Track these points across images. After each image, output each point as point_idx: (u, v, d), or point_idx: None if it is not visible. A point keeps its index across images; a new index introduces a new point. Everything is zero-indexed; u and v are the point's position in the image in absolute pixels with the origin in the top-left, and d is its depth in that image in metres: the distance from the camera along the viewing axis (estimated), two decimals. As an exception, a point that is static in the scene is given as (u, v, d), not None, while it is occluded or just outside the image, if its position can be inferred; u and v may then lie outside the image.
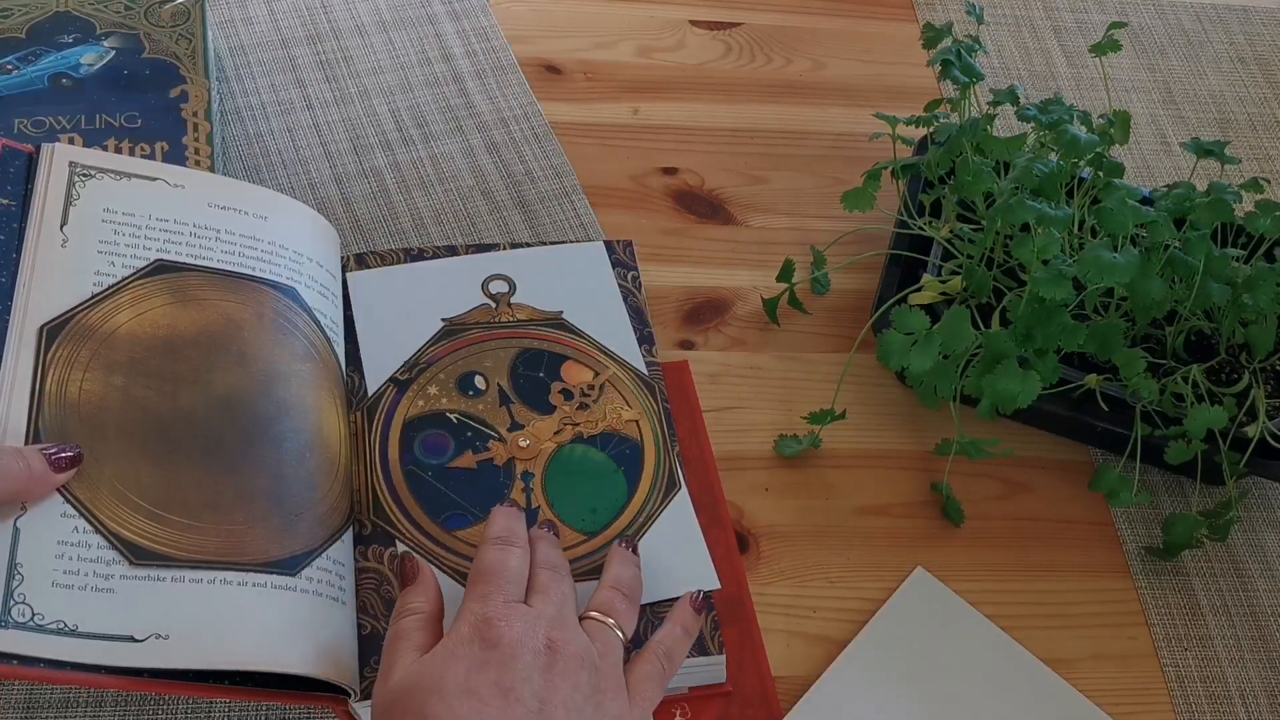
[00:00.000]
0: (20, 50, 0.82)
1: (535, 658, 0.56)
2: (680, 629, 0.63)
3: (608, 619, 0.61)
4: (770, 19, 1.01)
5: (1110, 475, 0.73)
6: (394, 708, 0.55)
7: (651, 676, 0.60)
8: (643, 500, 0.70)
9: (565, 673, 0.56)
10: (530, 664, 0.55)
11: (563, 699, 0.55)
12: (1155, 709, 0.71)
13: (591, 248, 0.81)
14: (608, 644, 0.59)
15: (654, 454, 0.72)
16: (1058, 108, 0.79)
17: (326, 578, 0.62)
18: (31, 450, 0.58)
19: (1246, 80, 1.04)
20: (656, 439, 0.72)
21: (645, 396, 0.74)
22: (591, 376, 0.74)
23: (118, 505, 0.59)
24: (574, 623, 0.59)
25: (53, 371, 0.61)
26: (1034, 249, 0.70)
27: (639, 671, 0.60)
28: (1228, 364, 0.77)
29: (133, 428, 0.62)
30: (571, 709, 0.55)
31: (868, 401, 0.81)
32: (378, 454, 0.70)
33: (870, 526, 0.76)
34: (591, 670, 0.57)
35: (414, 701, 0.54)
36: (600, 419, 0.73)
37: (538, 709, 0.54)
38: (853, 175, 0.87)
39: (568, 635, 0.57)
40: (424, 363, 0.73)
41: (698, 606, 0.65)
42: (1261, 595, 0.76)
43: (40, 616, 0.55)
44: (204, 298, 0.67)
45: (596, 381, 0.74)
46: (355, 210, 0.84)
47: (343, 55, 0.92)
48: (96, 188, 0.68)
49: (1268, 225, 0.76)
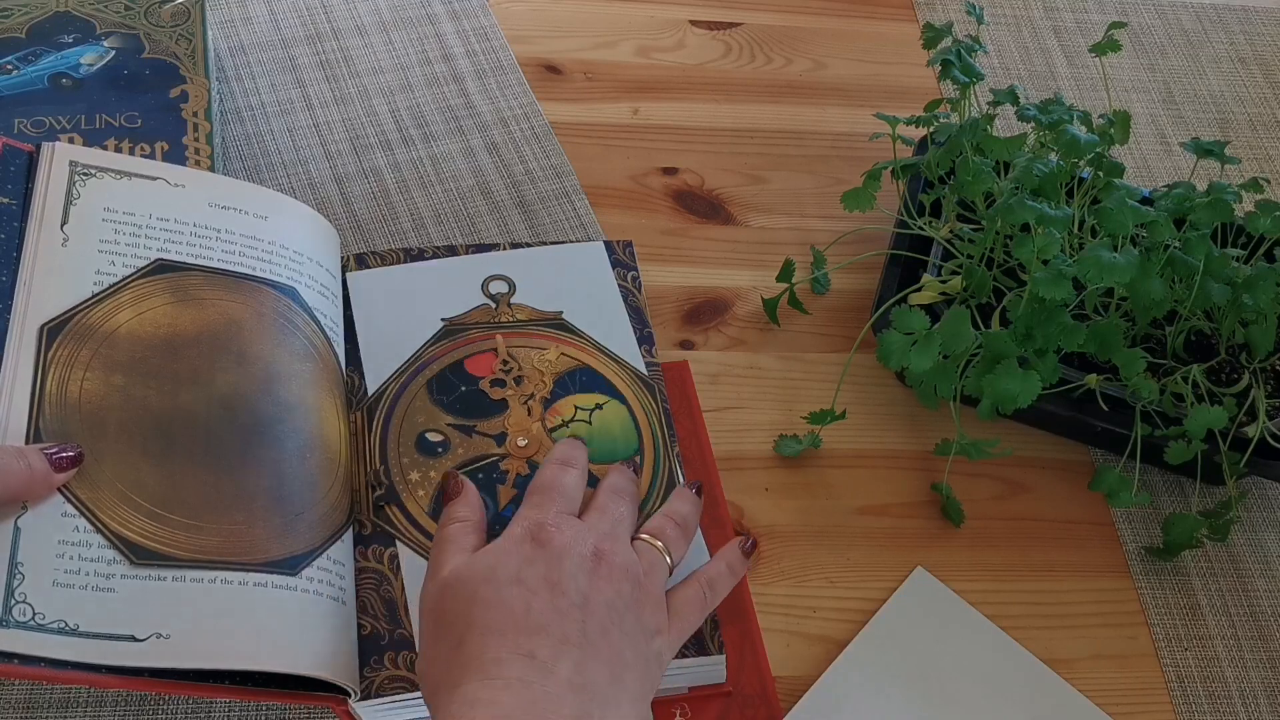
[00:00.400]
0: (20, 50, 0.82)
1: (582, 561, 0.59)
2: (725, 565, 0.66)
3: (656, 541, 0.64)
4: (770, 19, 1.01)
5: (1110, 475, 0.73)
6: (445, 594, 0.58)
7: (692, 601, 0.63)
8: (642, 499, 0.70)
9: (609, 578, 0.59)
10: (577, 565, 0.59)
11: (605, 600, 0.58)
12: (1155, 709, 0.71)
13: (591, 248, 0.81)
14: (653, 563, 0.62)
15: (653, 454, 0.72)
16: (1058, 108, 0.79)
17: (327, 578, 0.62)
18: (33, 450, 0.58)
19: (1246, 80, 1.04)
20: (656, 439, 0.72)
21: (645, 396, 0.74)
22: None
23: (118, 505, 0.59)
24: (624, 540, 0.62)
25: (53, 371, 0.61)
26: (1034, 249, 0.70)
27: (681, 594, 0.63)
28: (1228, 364, 0.77)
29: (133, 427, 0.62)
30: (613, 610, 0.58)
31: (868, 401, 0.81)
32: (378, 454, 0.70)
33: (870, 526, 0.76)
34: (635, 583, 0.60)
35: (466, 588, 0.58)
36: None
37: (581, 603, 0.57)
38: (853, 175, 0.87)
39: (615, 548, 0.61)
40: (424, 362, 0.73)
41: (747, 551, 0.67)
42: (1261, 595, 0.76)
43: (41, 616, 0.55)
44: (204, 297, 0.67)
45: None
46: (355, 210, 0.84)
47: (343, 55, 0.92)
48: (97, 187, 0.68)
49: (1268, 225, 0.76)
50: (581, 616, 0.57)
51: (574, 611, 0.57)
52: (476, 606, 0.57)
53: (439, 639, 0.57)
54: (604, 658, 0.56)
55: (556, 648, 0.55)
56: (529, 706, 0.53)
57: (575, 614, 0.57)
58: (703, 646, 0.65)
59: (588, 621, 0.57)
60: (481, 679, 0.54)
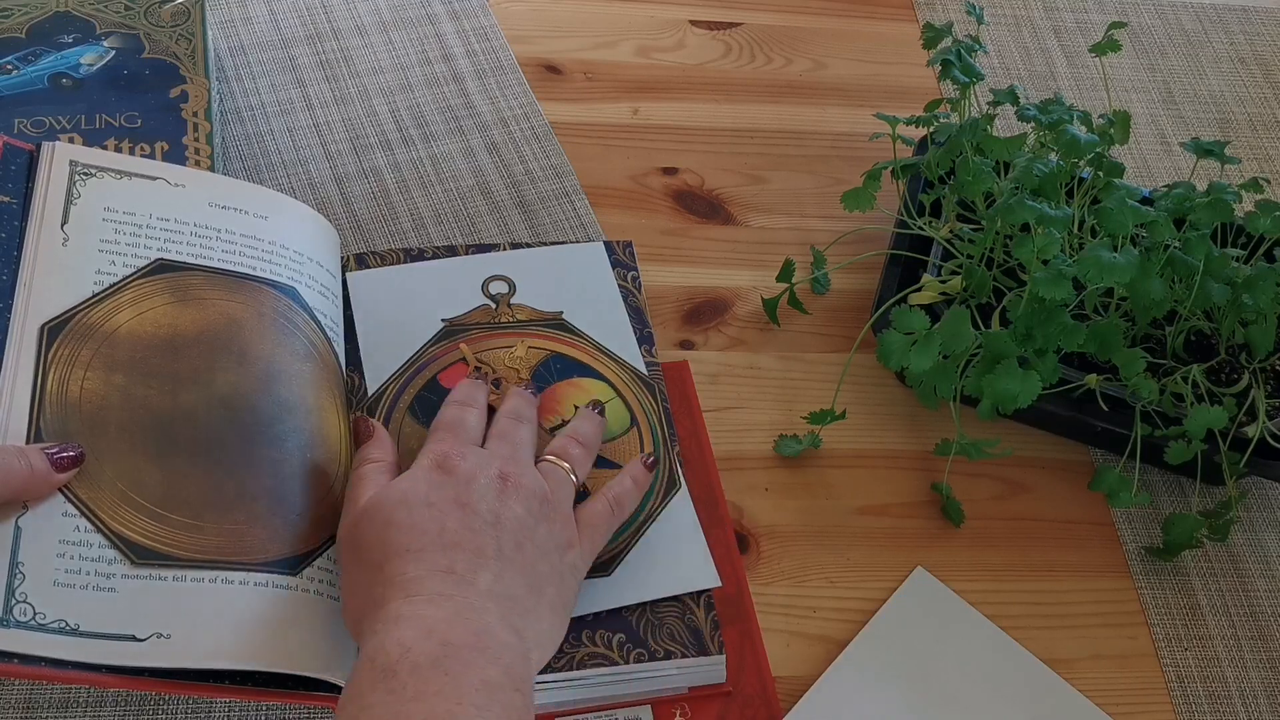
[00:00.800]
0: (20, 50, 0.82)
1: (489, 483, 0.61)
2: (630, 480, 0.68)
3: (562, 462, 0.66)
4: (770, 19, 1.01)
5: (1110, 475, 0.73)
6: (361, 522, 0.60)
7: (600, 514, 0.65)
8: (643, 499, 0.70)
9: (517, 497, 0.61)
10: (485, 486, 0.61)
11: (515, 516, 0.61)
12: (1155, 709, 0.71)
13: (591, 248, 0.81)
14: (559, 482, 0.65)
15: (654, 454, 0.72)
16: (1058, 108, 0.79)
17: (327, 577, 0.62)
18: (33, 449, 0.58)
19: (1246, 80, 1.04)
20: (656, 439, 0.72)
21: (645, 396, 0.74)
22: None
23: (119, 504, 0.59)
24: (528, 462, 0.65)
25: (54, 371, 0.61)
26: (1034, 249, 0.70)
27: (589, 509, 0.65)
28: (1228, 364, 0.77)
29: (134, 427, 0.61)
30: (524, 527, 0.61)
31: (868, 401, 0.81)
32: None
33: (870, 526, 0.76)
34: (542, 500, 0.62)
35: (380, 514, 0.60)
36: None
37: (493, 521, 0.60)
38: (853, 175, 0.87)
39: (520, 469, 0.63)
40: (424, 362, 0.73)
41: (649, 466, 0.70)
42: (1261, 595, 0.76)
43: (42, 616, 0.55)
44: (205, 297, 0.67)
45: None
46: (355, 210, 0.84)
47: (343, 55, 0.92)
48: (97, 186, 0.68)
49: (1268, 225, 0.76)
50: (495, 533, 0.59)
51: (487, 529, 0.59)
52: (391, 530, 0.59)
53: (358, 566, 0.59)
54: (520, 569, 0.59)
55: (473, 561, 0.58)
56: (453, 617, 0.55)
57: (488, 531, 0.59)
58: (703, 646, 0.65)
59: (501, 537, 0.59)
60: (404, 597, 0.56)
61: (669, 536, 0.69)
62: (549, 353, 0.74)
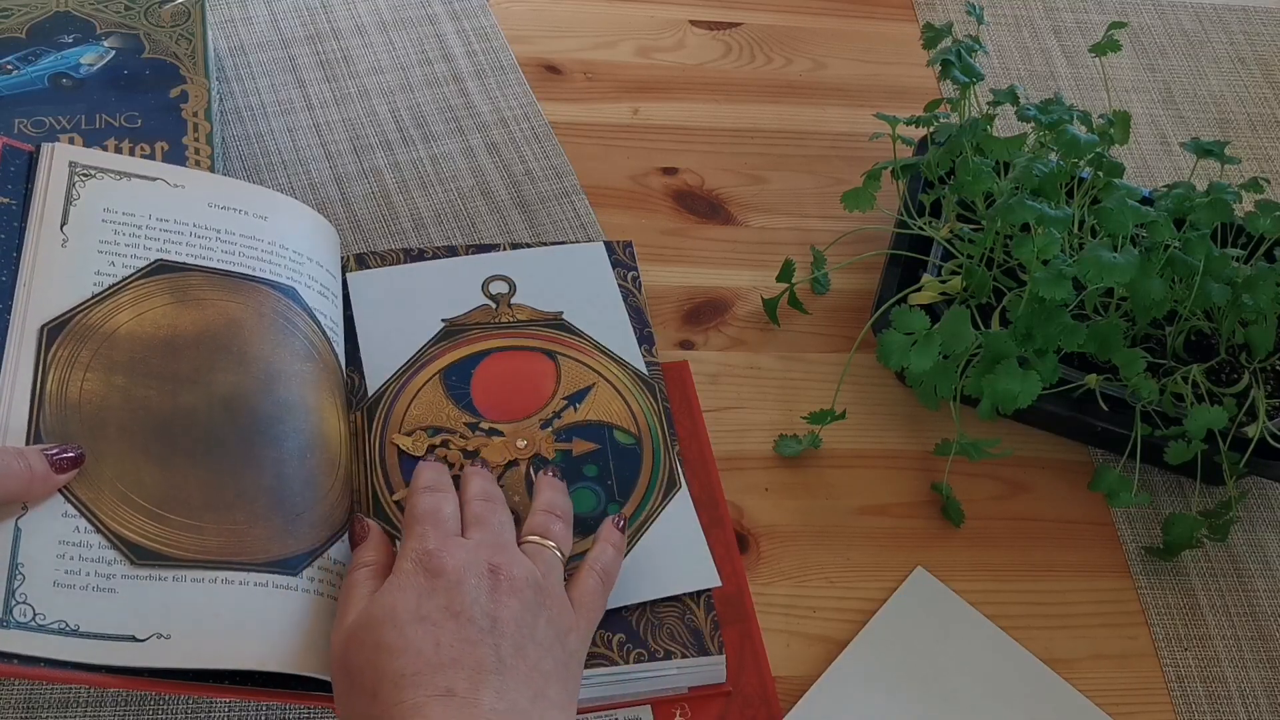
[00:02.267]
0: (20, 50, 0.82)
1: (480, 580, 0.58)
2: (610, 547, 0.65)
3: (547, 541, 0.63)
4: (770, 19, 1.01)
5: (1110, 475, 0.73)
6: (350, 644, 0.56)
7: (593, 591, 0.63)
8: (641, 498, 0.70)
9: (511, 591, 0.58)
10: (476, 586, 0.57)
11: (512, 615, 0.57)
12: (1155, 709, 0.71)
13: (591, 248, 0.81)
14: (548, 564, 0.62)
15: (653, 453, 0.72)
16: (1058, 108, 0.79)
17: (328, 577, 0.62)
18: (33, 451, 0.58)
19: (1246, 80, 1.04)
20: (656, 439, 0.72)
21: (645, 396, 0.74)
22: None
23: (119, 505, 0.59)
24: (513, 547, 0.61)
25: (53, 372, 0.61)
26: (1034, 249, 0.70)
27: (581, 586, 0.62)
28: (1228, 364, 0.77)
29: (134, 427, 0.62)
30: (522, 625, 0.57)
31: (868, 401, 0.81)
32: (377, 454, 0.70)
33: (870, 526, 0.76)
34: (536, 589, 0.59)
35: (370, 635, 0.56)
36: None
37: (490, 626, 0.56)
38: (853, 175, 0.87)
39: (509, 558, 0.59)
40: (424, 362, 0.73)
41: (619, 526, 0.67)
42: (1261, 595, 0.76)
43: (42, 616, 0.55)
44: (204, 298, 0.67)
45: None
46: (355, 210, 0.84)
47: (343, 55, 0.92)
48: (97, 187, 0.68)
49: (1268, 225, 0.76)
50: (494, 640, 0.55)
51: (484, 637, 0.55)
52: (382, 654, 0.54)
53: (353, 694, 0.55)
54: (523, 676, 0.55)
55: (474, 678, 0.54)
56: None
57: (486, 639, 0.55)
58: (703, 646, 0.65)
59: (501, 644, 0.55)
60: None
61: (670, 537, 0.69)
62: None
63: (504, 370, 0.74)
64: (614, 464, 0.71)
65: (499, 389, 0.73)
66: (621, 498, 0.70)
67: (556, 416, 0.72)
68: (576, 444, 0.71)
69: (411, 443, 0.70)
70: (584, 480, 0.70)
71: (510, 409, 0.72)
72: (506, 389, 0.73)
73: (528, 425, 0.72)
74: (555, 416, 0.72)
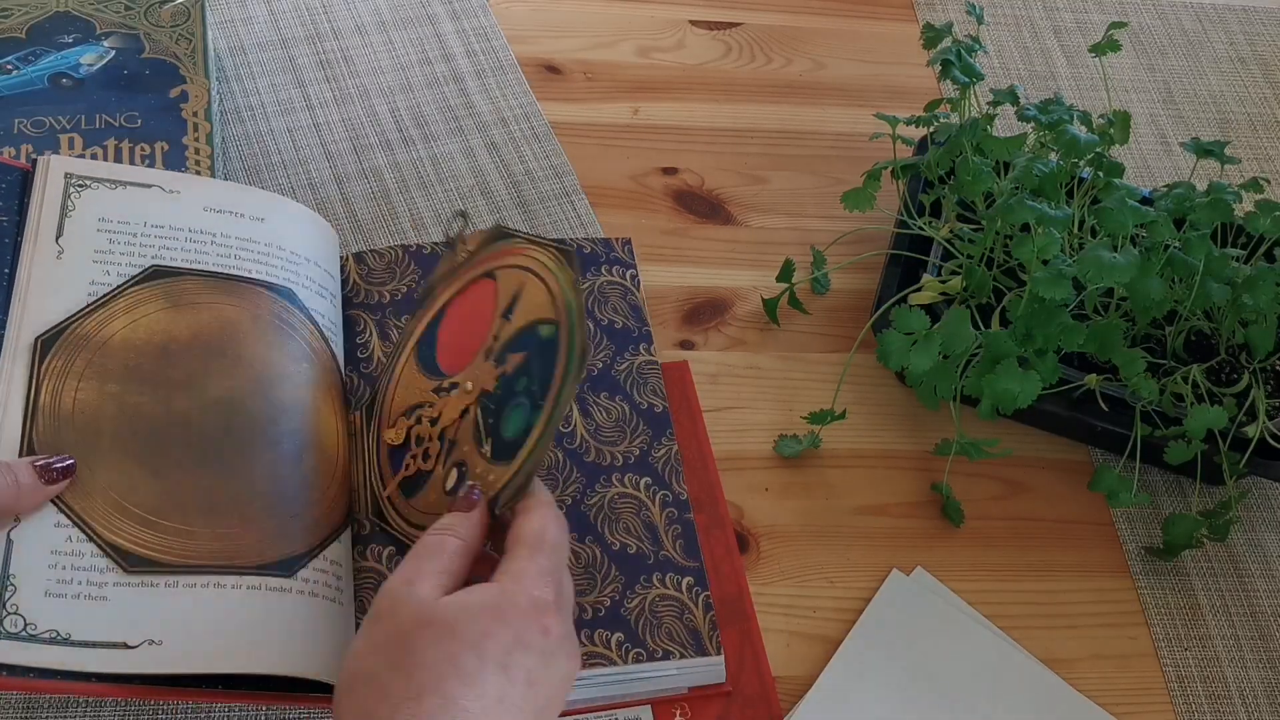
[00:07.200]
0: (20, 50, 0.82)
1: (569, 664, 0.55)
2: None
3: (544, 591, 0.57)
4: (770, 19, 1.01)
5: (1110, 475, 0.73)
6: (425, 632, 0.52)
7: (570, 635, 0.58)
8: (561, 382, 0.60)
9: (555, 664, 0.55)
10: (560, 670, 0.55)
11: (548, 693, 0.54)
12: (1155, 709, 0.71)
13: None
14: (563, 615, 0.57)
15: (569, 333, 0.61)
16: (1058, 108, 0.79)
17: (323, 578, 0.62)
18: (21, 464, 0.58)
19: (1246, 80, 1.04)
20: (571, 314, 0.61)
21: (562, 269, 0.63)
22: None
23: (111, 513, 0.59)
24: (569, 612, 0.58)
25: (47, 382, 0.61)
26: (1034, 249, 0.70)
27: None
28: (1228, 364, 0.77)
29: (127, 434, 0.61)
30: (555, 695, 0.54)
31: (868, 401, 0.81)
32: (374, 453, 0.69)
33: (870, 526, 0.76)
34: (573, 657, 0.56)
35: (449, 644, 0.52)
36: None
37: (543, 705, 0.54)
38: (853, 175, 0.87)
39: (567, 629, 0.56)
40: (404, 341, 0.70)
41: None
42: (1261, 595, 0.76)
43: (33, 626, 0.55)
44: (199, 301, 0.67)
45: None
46: (355, 210, 0.84)
47: (343, 55, 0.92)
48: (92, 198, 0.68)
49: (1268, 225, 0.76)
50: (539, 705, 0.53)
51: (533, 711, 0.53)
52: (449, 671, 0.51)
53: (392, 672, 0.52)
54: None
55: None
56: None
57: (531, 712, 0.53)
58: (702, 647, 0.65)
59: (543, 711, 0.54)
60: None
61: None
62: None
63: (458, 316, 0.67)
64: (536, 365, 0.62)
65: (455, 339, 0.67)
66: (542, 401, 0.60)
67: (494, 339, 0.65)
68: (510, 361, 0.63)
69: (394, 434, 0.67)
70: (515, 398, 0.62)
71: (464, 353, 0.66)
72: (461, 335, 0.67)
73: (475, 365, 0.65)
74: (494, 339, 0.65)
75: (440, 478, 0.63)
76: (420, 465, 0.65)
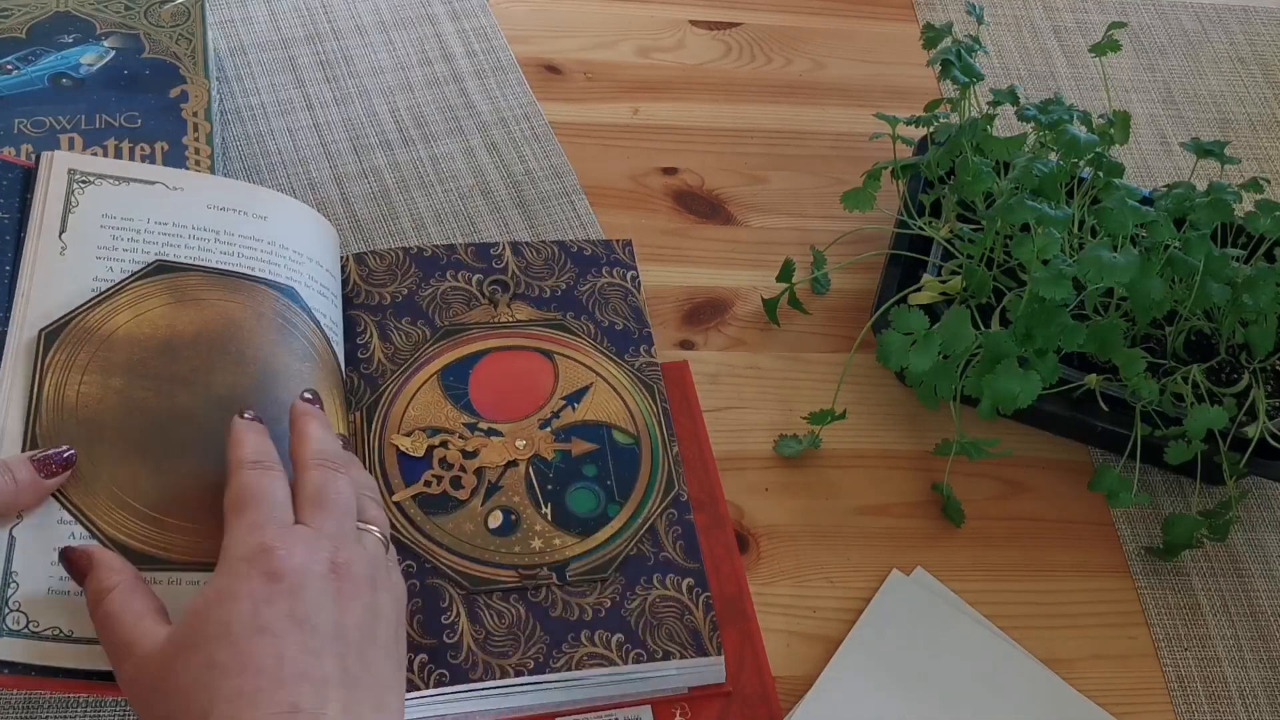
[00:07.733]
0: (20, 50, 0.82)
1: (324, 583, 0.53)
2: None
3: (369, 527, 0.59)
4: (770, 19, 1.01)
5: (1110, 475, 0.73)
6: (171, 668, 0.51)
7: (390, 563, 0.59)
8: (641, 499, 0.70)
9: (354, 593, 0.54)
10: (321, 590, 0.53)
11: (356, 621, 0.54)
12: (1155, 709, 0.71)
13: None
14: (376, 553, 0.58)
15: (651, 454, 0.72)
16: (1058, 108, 0.79)
17: (326, 577, 0.62)
18: (18, 461, 0.57)
19: (1246, 80, 1.04)
20: (655, 439, 0.72)
21: (643, 396, 0.74)
22: None
23: (114, 509, 0.59)
24: (354, 534, 0.57)
25: (51, 376, 0.61)
26: (1034, 249, 0.70)
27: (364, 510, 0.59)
28: (1228, 364, 0.77)
29: (130, 430, 0.61)
30: (365, 630, 0.54)
31: (868, 401, 0.81)
32: (376, 454, 0.69)
33: (870, 526, 0.76)
34: (373, 585, 0.56)
35: (196, 656, 0.50)
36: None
37: (335, 634, 0.52)
38: (853, 175, 0.87)
39: (351, 554, 0.55)
40: (422, 361, 0.73)
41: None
42: (1261, 595, 0.76)
43: (35, 623, 0.55)
44: (203, 298, 0.67)
45: None
46: (355, 210, 0.84)
47: (343, 55, 0.92)
48: (95, 194, 0.68)
49: (1268, 225, 0.76)
50: (339, 650, 0.52)
51: (329, 647, 0.52)
52: (216, 673, 0.50)
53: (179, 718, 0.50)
54: (368, 687, 0.52)
55: (319, 692, 0.50)
56: None
57: (331, 649, 0.52)
58: (702, 647, 0.65)
59: (346, 654, 0.52)
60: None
61: None
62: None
63: (502, 370, 0.74)
64: (613, 464, 0.71)
65: (497, 389, 0.73)
66: (621, 498, 0.70)
67: (555, 416, 0.72)
68: (575, 444, 0.71)
69: (411, 443, 0.70)
70: (583, 480, 0.70)
71: (508, 409, 0.72)
72: (505, 389, 0.73)
73: (526, 425, 0.72)
74: (554, 416, 0.72)
75: (479, 513, 0.68)
76: (448, 489, 0.69)
